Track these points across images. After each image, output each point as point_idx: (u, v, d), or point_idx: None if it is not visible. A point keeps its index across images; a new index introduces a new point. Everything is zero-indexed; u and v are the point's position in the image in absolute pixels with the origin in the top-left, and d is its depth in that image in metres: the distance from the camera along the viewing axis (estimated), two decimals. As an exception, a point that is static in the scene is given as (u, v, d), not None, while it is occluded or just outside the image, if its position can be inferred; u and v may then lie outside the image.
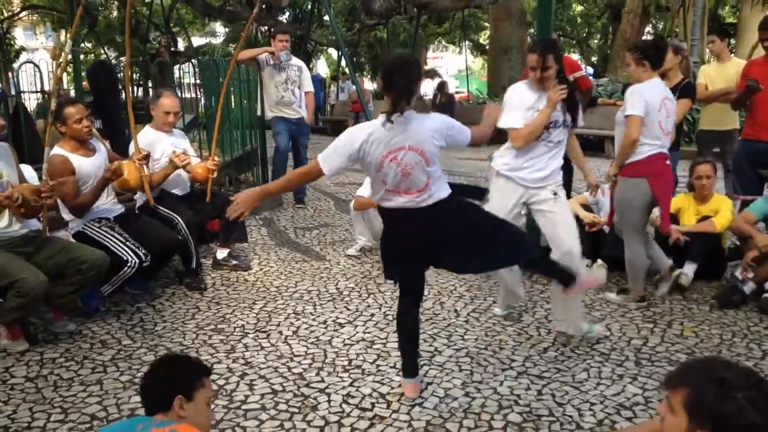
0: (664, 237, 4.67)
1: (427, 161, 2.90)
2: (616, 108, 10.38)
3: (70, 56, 7.77)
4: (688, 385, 1.65)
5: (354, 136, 2.92)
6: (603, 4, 22.57)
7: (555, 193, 3.69)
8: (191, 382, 2.13)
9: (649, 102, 4.09)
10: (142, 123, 5.01)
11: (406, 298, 3.18)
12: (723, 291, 4.46)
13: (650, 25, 21.91)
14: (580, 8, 25.28)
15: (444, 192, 3.02)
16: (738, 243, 4.82)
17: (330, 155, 2.91)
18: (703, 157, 5.62)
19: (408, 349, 3.20)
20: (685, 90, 5.56)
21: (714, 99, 6.04)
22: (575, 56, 21.73)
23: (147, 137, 4.76)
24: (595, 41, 26.80)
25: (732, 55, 6.56)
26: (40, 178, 3.78)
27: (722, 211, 4.68)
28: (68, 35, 4.46)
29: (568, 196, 6.12)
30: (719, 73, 6.04)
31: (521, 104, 3.65)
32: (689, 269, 4.58)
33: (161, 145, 4.78)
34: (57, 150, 4.05)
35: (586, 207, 5.13)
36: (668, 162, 4.28)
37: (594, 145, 11.39)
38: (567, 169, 6.63)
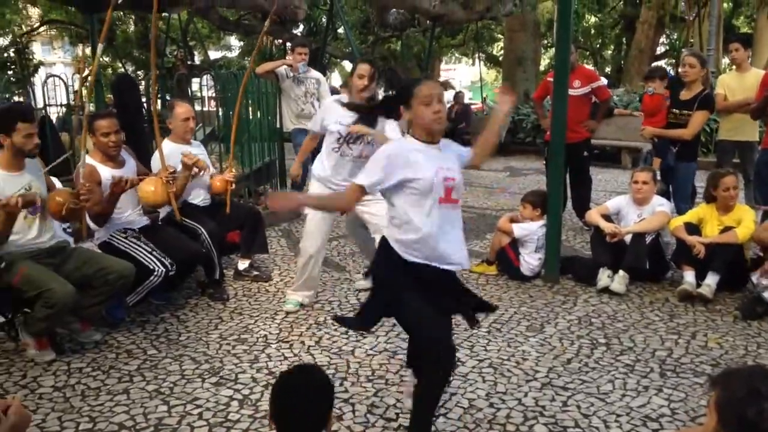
0: (686, 247, 4.66)
1: None
2: (633, 118, 10.39)
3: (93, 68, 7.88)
4: (723, 386, 1.69)
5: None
6: (617, 15, 22.57)
7: None
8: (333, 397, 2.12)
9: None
10: (163, 137, 5.03)
11: None
12: (746, 301, 4.43)
13: (664, 36, 21.88)
14: (594, 19, 25.27)
15: None
16: (761, 254, 4.78)
17: None
18: (723, 167, 5.60)
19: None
20: (703, 101, 5.55)
21: (734, 109, 6.03)
22: (590, 66, 21.66)
23: (166, 151, 4.69)
24: (609, 52, 26.75)
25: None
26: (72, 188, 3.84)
27: (745, 221, 4.66)
28: (98, 42, 4.52)
29: (588, 208, 6.14)
30: (738, 82, 6.03)
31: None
32: (712, 280, 4.55)
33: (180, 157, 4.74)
34: (87, 159, 4.14)
35: (607, 217, 5.12)
36: None
37: (610, 156, 11.37)
38: (585, 181, 6.67)
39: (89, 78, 4.38)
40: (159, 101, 9.71)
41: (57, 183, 4.15)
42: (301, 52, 6.89)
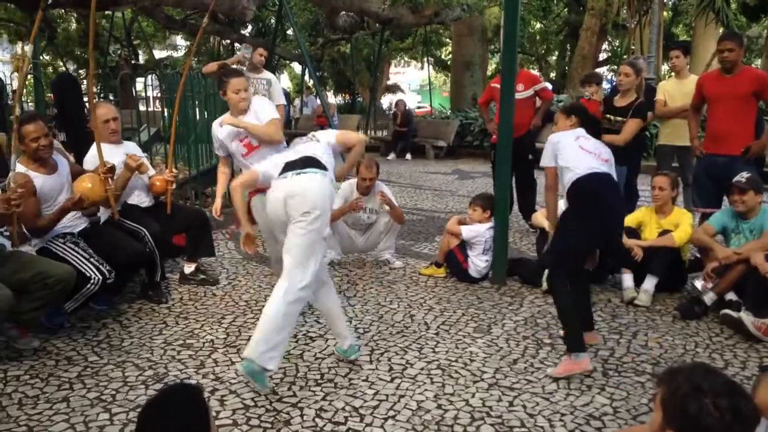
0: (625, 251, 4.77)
1: None
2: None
3: (31, 66, 7.64)
4: (668, 383, 1.74)
5: None
6: (561, 22, 23.03)
7: None
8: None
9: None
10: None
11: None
12: (685, 302, 4.56)
13: (607, 43, 22.43)
14: (538, 25, 25.76)
15: None
16: (698, 255, 4.94)
17: None
18: (662, 170, 5.76)
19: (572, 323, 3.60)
20: (637, 109, 5.71)
21: (673, 115, 6.22)
22: (535, 71, 22.07)
23: (93, 153, 4.52)
24: (554, 58, 27.29)
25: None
26: (3, 191, 3.69)
27: (682, 224, 4.80)
28: (29, 42, 4.42)
29: (533, 210, 6.22)
30: (678, 89, 6.22)
31: None
32: (650, 283, 4.66)
33: (114, 159, 4.50)
34: (19, 167, 3.96)
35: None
36: None
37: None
38: (530, 184, 6.78)
39: (23, 76, 4.25)
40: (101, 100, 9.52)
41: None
42: (263, 54, 6.81)
